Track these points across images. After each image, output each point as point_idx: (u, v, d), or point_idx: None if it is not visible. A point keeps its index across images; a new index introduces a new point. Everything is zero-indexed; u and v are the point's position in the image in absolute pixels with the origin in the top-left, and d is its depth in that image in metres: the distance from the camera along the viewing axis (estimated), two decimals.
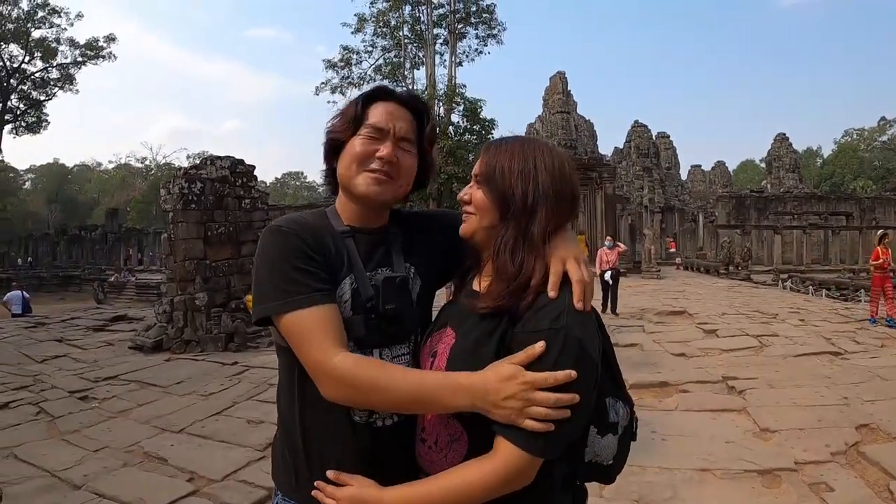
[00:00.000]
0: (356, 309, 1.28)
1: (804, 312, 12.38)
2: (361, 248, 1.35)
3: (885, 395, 5.91)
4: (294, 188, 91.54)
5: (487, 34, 33.66)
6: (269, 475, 4.27)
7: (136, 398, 6.47)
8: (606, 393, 1.23)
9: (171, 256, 10.33)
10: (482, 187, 1.25)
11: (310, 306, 1.18)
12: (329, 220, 1.37)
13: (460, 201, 1.30)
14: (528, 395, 1.04)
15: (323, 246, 1.28)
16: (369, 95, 1.37)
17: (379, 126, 1.32)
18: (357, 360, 1.16)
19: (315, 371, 1.17)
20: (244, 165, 12.03)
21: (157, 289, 17.73)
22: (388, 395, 1.14)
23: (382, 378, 1.14)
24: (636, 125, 45.43)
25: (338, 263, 1.29)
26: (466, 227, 1.28)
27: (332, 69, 34.68)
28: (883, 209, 35.83)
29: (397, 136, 1.33)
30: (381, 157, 1.30)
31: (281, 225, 1.28)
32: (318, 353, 1.16)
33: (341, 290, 1.28)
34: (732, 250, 25.46)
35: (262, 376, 7.36)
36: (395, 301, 1.30)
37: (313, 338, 1.17)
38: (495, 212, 1.22)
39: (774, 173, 46.05)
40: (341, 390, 1.15)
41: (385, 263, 1.37)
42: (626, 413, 1.27)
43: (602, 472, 1.26)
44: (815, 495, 3.81)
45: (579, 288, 1.13)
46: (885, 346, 8.56)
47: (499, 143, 1.29)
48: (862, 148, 69.49)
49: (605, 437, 1.22)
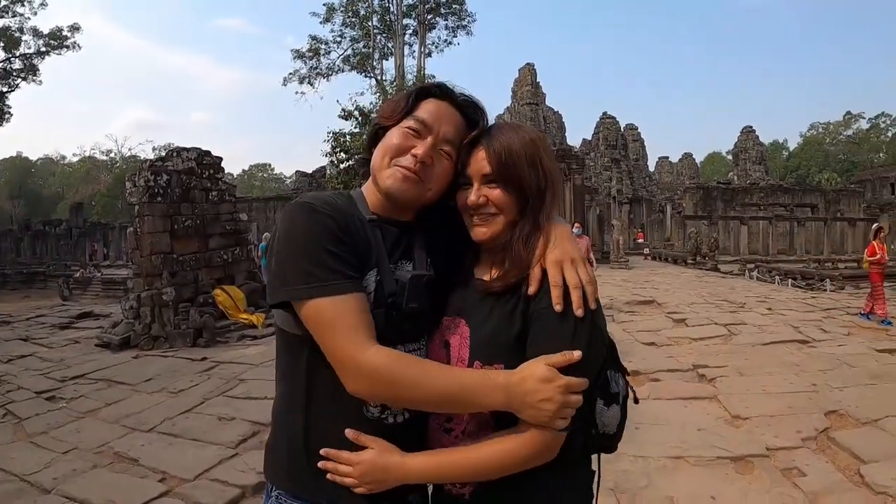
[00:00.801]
0: (377, 303, 1.22)
1: (771, 301, 12.62)
2: (387, 240, 1.29)
3: (852, 382, 6.05)
4: (261, 180, 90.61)
5: (457, 25, 33.41)
6: (242, 473, 4.22)
7: (105, 397, 6.31)
8: (608, 365, 1.25)
9: (137, 251, 10.12)
10: (499, 186, 1.23)
11: (342, 293, 1.12)
12: (356, 206, 1.30)
13: (471, 206, 1.25)
14: (563, 398, 1.06)
15: (353, 232, 1.21)
16: (425, 89, 1.31)
17: (424, 121, 1.25)
18: (394, 355, 1.12)
19: (345, 363, 1.11)
20: (211, 157, 11.84)
21: (123, 284, 17.40)
22: (423, 393, 1.11)
23: (421, 375, 1.11)
24: (605, 117, 45.88)
25: (365, 253, 1.22)
26: (490, 230, 1.25)
27: (301, 59, 34.22)
28: (847, 201, 36.70)
29: (439, 138, 1.26)
30: (415, 155, 1.24)
31: (312, 202, 1.19)
32: (351, 345, 1.10)
33: (366, 281, 1.21)
34: (700, 241, 25.83)
35: (231, 372, 7.26)
36: (419, 300, 1.26)
37: (345, 328, 1.10)
38: (516, 207, 1.24)
39: (741, 165, 46.94)
40: (374, 385, 1.11)
41: (406, 256, 1.32)
42: (624, 382, 1.31)
43: (607, 441, 1.28)
44: (788, 480, 3.87)
45: (576, 295, 1.13)
46: (851, 335, 8.76)
47: (494, 136, 1.26)
48: (827, 141, 71.34)
49: (610, 408, 1.25)
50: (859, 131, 71.77)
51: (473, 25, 33.73)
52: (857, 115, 71.94)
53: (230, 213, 12.16)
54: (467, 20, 33.39)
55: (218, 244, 11.59)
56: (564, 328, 1.12)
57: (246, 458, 4.44)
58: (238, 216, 12.50)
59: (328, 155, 21.88)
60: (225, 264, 11.71)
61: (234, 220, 12.25)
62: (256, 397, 6.00)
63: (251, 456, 4.45)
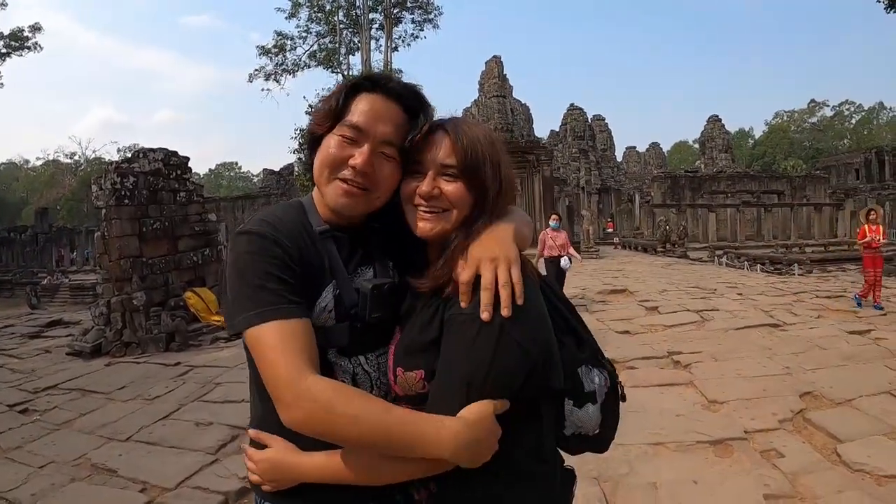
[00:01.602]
0: (340, 316, 1.18)
1: (742, 287, 12.84)
2: (342, 249, 1.23)
3: (825, 364, 6.18)
4: (229, 179, 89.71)
5: (424, 19, 33.23)
6: (223, 479, 4.16)
7: (79, 407, 6.15)
8: (576, 363, 1.20)
9: (105, 255, 9.88)
10: (460, 180, 1.15)
11: (280, 318, 1.06)
12: (307, 216, 1.23)
13: (421, 196, 1.16)
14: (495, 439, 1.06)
15: (300, 250, 1.15)
16: (355, 85, 1.21)
17: (357, 126, 1.17)
18: (336, 386, 1.05)
19: (280, 391, 1.02)
20: (178, 157, 11.64)
21: (92, 290, 17.07)
22: (360, 430, 1.00)
23: (362, 410, 1.01)
24: (572, 108, 46.30)
25: (317, 269, 1.17)
26: (434, 226, 1.17)
27: (266, 56, 33.77)
28: (813, 187, 37.52)
29: (376, 141, 1.17)
30: (353, 166, 1.16)
31: (252, 228, 1.13)
32: (288, 372, 1.02)
33: (323, 298, 1.17)
34: (669, 229, 26.19)
35: (206, 376, 7.15)
36: (382, 309, 1.20)
37: (284, 354, 1.03)
38: (470, 206, 1.16)
39: (708, 154, 47.72)
40: (310, 417, 1.01)
41: (365, 262, 1.27)
42: (605, 379, 1.24)
43: (591, 443, 1.25)
44: (767, 461, 3.95)
45: (486, 296, 1.05)
46: (821, 318, 8.96)
47: (461, 127, 1.18)
48: (792, 129, 72.99)
49: (583, 408, 1.19)
50: (824, 119, 73.67)
51: (440, 19, 33.65)
52: (822, 103, 73.90)
53: (199, 214, 11.95)
54: (433, 14, 33.29)
55: (187, 246, 11.39)
56: (466, 334, 1.05)
57: (227, 463, 4.37)
58: (207, 217, 12.29)
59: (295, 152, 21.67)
60: (195, 266, 11.51)
61: (203, 221, 12.05)
62: (234, 401, 5.92)
63: (232, 461, 4.39)
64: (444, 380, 1.08)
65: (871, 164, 45.88)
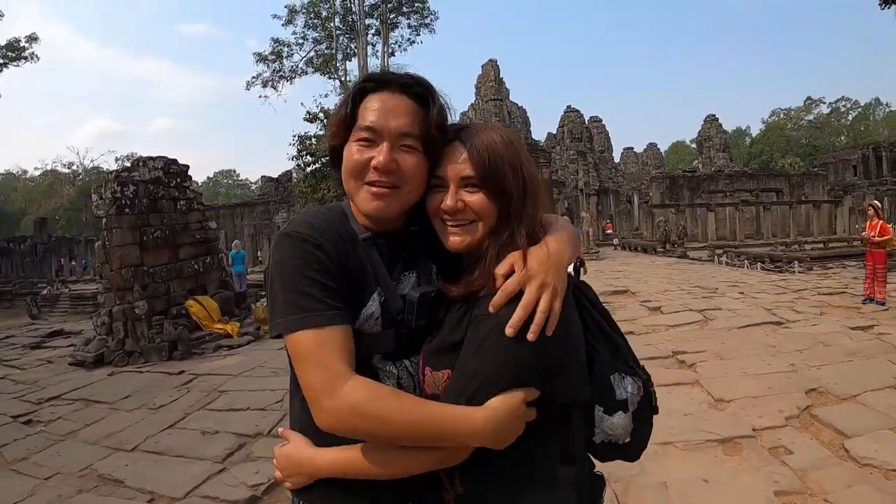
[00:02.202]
0: (386, 323, 1.19)
1: (743, 286, 12.87)
2: (384, 255, 1.23)
3: (829, 360, 6.19)
4: (227, 186, 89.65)
5: (420, 23, 33.12)
6: (232, 488, 4.15)
7: (83, 418, 6.13)
8: (610, 370, 1.20)
9: (106, 265, 9.90)
10: (482, 190, 1.14)
11: (323, 326, 1.07)
12: (349, 223, 1.23)
13: (446, 211, 1.16)
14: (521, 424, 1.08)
15: (344, 256, 1.15)
16: (361, 89, 1.20)
17: (370, 127, 1.16)
18: (373, 389, 1.06)
19: (318, 396, 1.05)
20: (177, 165, 11.66)
21: (92, 299, 17.05)
22: (396, 427, 1.04)
23: (396, 408, 1.04)
24: (569, 110, 46.41)
25: (362, 276, 1.18)
26: (464, 239, 1.16)
27: (263, 62, 33.69)
28: (811, 185, 37.68)
29: (394, 136, 1.16)
30: (376, 168, 1.15)
31: (298, 230, 1.14)
32: (326, 378, 1.04)
33: (369, 307, 1.17)
34: (668, 229, 26.27)
35: (211, 384, 7.12)
36: (428, 317, 1.21)
37: (322, 361, 1.06)
38: (496, 214, 1.15)
39: (705, 153, 47.91)
40: (349, 422, 1.04)
41: (409, 267, 1.27)
42: (638, 388, 1.23)
43: (622, 451, 1.23)
44: (776, 459, 3.95)
45: (521, 314, 1.04)
46: (824, 314, 8.98)
47: (475, 135, 1.16)
48: (789, 127, 73.19)
49: (614, 416, 1.18)
50: (820, 116, 73.88)
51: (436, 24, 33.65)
52: (818, 101, 74.11)
53: (199, 222, 11.97)
54: (430, 18, 33.23)
55: (188, 254, 11.41)
56: (481, 333, 1.06)
57: (235, 472, 4.35)
58: (207, 225, 12.31)
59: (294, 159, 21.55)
60: (196, 274, 11.53)
61: (203, 228, 12.06)
62: (239, 409, 5.92)
63: (239, 470, 4.37)
64: (455, 375, 1.10)
65: (868, 161, 45.96)
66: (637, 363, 1.28)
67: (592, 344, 1.19)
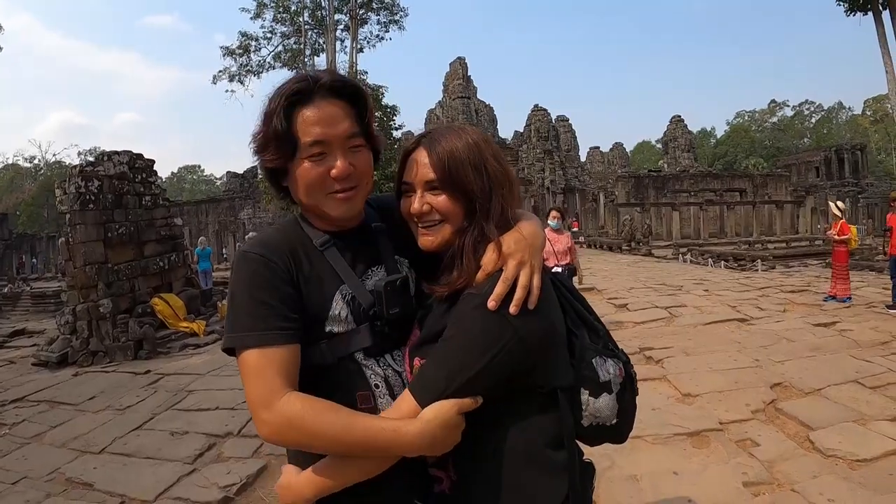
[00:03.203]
0: (358, 319, 1.21)
1: (707, 283, 13.09)
2: (347, 253, 1.26)
3: (793, 356, 6.36)
4: (191, 182, 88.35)
5: (389, 20, 32.95)
6: (204, 489, 4.08)
7: (49, 420, 5.96)
8: (591, 353, 1.23)
9: (70, 262, 9.65)
10: (444, 192, 1.18)
11: (261, 346, 1.11)
12: (304, 231, 1.26)
13: (414, 214, 1.20)
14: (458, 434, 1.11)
15: (296, 267, 1.18)
16: (289, 104, 1.16)
17: (318, 141, 1.16)
18: (307, 405, 1.09)
19: (257, 408, 1.10)
20: (143, 160, 11.45)
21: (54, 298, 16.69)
22: (330, 440, 1.09)
23: (328, 424, 1.08)
24: (536, 109, 46.77)
25: (322, 280, 1.21)
26: (436, 238, 1.20)
27: (231, 56, 33.22)
28: (774, 185, 38.59)
29: (343, 142, 1.18)
30: (337, 178, 1.17)
31: (251, 250, 1.18)
32: (264, 392, 1.09)
33: (335, 307, 1.20)
34: (633, 227, 26.69)
35: (178, 384, 6.99)
36: (399, 304, 1.23)
37: (261, 376, 1.10)
38: (462, 213, 1.19)
39: (671, 153, 48.78)
40: (285, 432, 1.09)
41: (375, 261, 1.29)
42: (619, 369, 1.26)
43: (610, 433, 1.26)
44: (744, 451, 4.04)
45: (502, 287, 1.08)
46: (787, 311, 9.20)
47: (437, 140, 1.20)
48: (753, 128, 74.99)
49: (600, 398, 1.21)
50: (784, 118, 75.89)
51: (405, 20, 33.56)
52: (782, 103, 76.21)
53: (165, 219, 11.76)
54: (399, 15, 33.10)
55: (154, 251, 11.20)
56: (464, 309, 1.10)
57: (206, 473, 4.28)
58: (173, 221, 12.10)
59: None
60: (162, 272, 11.33)
61: (169, 225, 11.85)
62: (207, 408, 5.82)
63: (211, 470, 4.31)
64: (437, 349, 1.12)
65: (830, 162, 47.27)
66: (616, 346, 1.32)
67: (572, 329, 1.23)
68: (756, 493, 3.47)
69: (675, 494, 3.51)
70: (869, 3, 18.76)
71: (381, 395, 1.22)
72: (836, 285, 9.85)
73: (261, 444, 4.71)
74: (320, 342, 1.19)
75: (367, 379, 1.22)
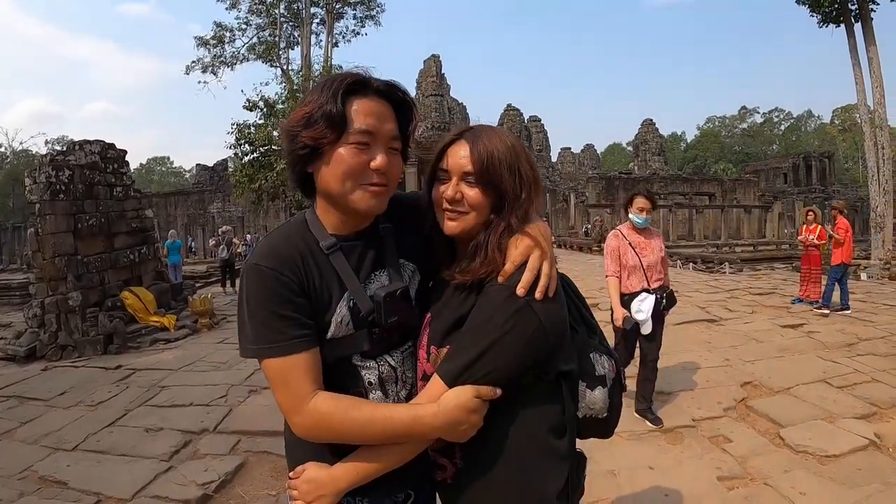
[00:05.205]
0: (358, 324, 1.26)
1: (676, 284, 13.20)
2: (352, 258, 1.29)
3: (762, 356, 6.55)
4: (160, 174, 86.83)
5: (366, 15, 32.86)
6: (182, 487, 4.02)
7: (18, 416, 5.78)
8: (589, 348, 1.32)
9: (38, 253, 9.37)
10: (478, 185, 1.24)
11: (281, 356, 1.18)
12: (311, 233, 1.28)
13: (446, 200, 1.25)
14: (479, 419, 1.17)
15: (306, 277, 1.22)
16: (348, 91, 1.20)
17: (368, 131, 1.19)
18: (333, 404, 1.18)
19: (288, 413, 1.20)
20: (115, 150, 11.23)
21: (19, 290, 16.22)
22: (358, 430, 1.18)
23: (352, 420, 1.17)
24: (509, 109, 47.13)
25: (327, 287, 1.25)
26: (458, 225, 1.26)
27: (204, 47, 32.85)
28: (743, 190, 39.30)
29: (387, 139, 1.23)
30: (377, 170, 1.21)
31: (260, 262, 1.21)
32: (292, 398, 1.18)
33: (338, 314, 1.25)
34: (604, 228, 26.98)
35: (150, 379, 6.87)
36: (398, 313, 1.28)
37: (289, 384, 1.18)
38: (490, 208, 1.25)
39: (641, 156, 49.36)
40: (315, 431, 1.19)
41: (379, 265, 1.32)
42: (612, 366, 1.34)
43: (599, 426, 1.33)
44: (717, 447, 4.17)
45: (529, 276, 1.17)
46: (755, 313, 9.44)
47: (479, 137, 1.26)
48: (723, 134, 76.45)
49: (595, 391, 1.29)
50: (754, 125, 77.50)
51: (382, 16, 33.46)
52: (752, 110, 77.83)
53: (136, 210, 11.52)
54: (376, 10, 33.04)
55: (124, 243, 10.97)
56: (495, 300, 1.17)
57: (182, 470, 4.22)
58: (144, 213, 11.87)
59: (232, 147, 20.97)
60: (132, 264, 11.11)
61: (139, 217, 11.63)
62: (181, 404, 5.74)
63: (187, 468, 4.25)
64: (462, 336, 1.19)
65: (798, 169, 48.41)
66: (609, 345, 1.41)
67: (573, 325, 1.32)
68: (730, 486, 3.58)
69: (652, 488, 3.59)
70: (842, 15, 19.19)
71: (373, 390, 1.28)
72: (808, 287, 10.11)
73: (237, 441, 4.69)
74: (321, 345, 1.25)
75: (360, 378, 1.29)
